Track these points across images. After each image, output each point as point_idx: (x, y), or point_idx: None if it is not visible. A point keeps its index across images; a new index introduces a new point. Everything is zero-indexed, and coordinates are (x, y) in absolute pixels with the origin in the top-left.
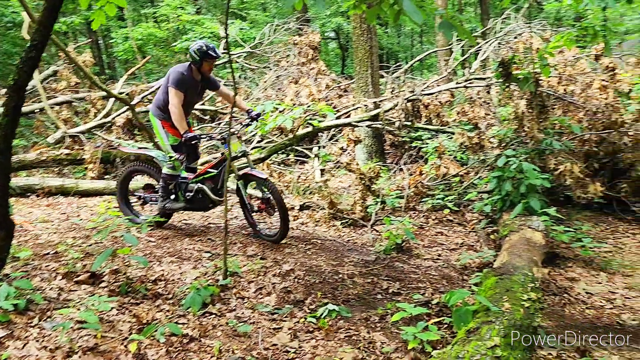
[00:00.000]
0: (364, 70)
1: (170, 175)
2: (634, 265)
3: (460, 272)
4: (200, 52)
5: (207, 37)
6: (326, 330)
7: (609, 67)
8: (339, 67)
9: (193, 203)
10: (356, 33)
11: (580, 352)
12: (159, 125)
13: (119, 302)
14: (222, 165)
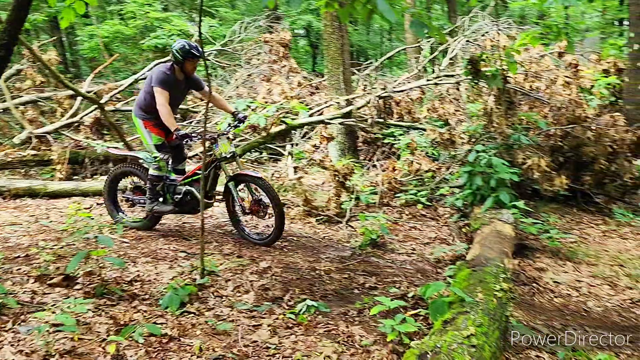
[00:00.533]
0: (335, 67)
1: (156, 176)
2: (598, 254)
3: (434, 265)
4: (183, 52)
5: (177, 35)
6: (305, 326)
7: (571, 63)
8: (309, 64)
9: (182, 205)
10: (327, 31)
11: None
12: (141, 125)
13: (95, 304)
14: (211, 166)
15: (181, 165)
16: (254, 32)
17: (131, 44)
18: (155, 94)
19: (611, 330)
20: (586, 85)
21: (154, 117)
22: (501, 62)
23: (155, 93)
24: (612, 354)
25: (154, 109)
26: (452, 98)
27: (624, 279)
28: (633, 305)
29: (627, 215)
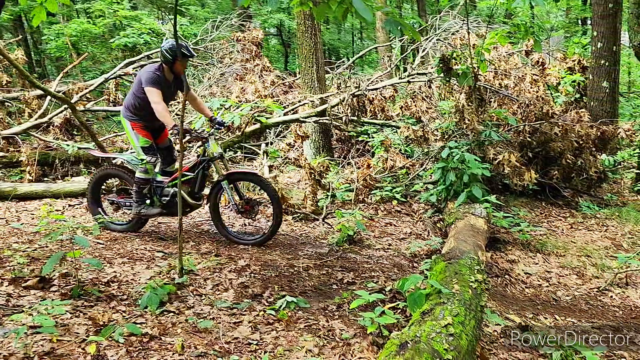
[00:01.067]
0: (309, 66)
1: (143, 179)
2: (566, 246)
3: (410, 259)
4: (173, 52)
5: (146, 34)
6: (286, 321)
7: (538, 62)
8: (281, 63)
9: (169, 208)
10: (300, 30)
11: (522, 327)
12: (129, 126)
13: (72, 306)
14: (199, 167)
15: (170, 167)
16: (226, 31)
17: (99, 42)
18: (148, 94)
19: (580, 318)
20: (553, 82)
21: (142, 118)
22: (471, 60)
23: (147, 93)
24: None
25: (143, 110)
26: (424, 96)
27: (590, 268)
28: (599, 294)
29: (593, 208)
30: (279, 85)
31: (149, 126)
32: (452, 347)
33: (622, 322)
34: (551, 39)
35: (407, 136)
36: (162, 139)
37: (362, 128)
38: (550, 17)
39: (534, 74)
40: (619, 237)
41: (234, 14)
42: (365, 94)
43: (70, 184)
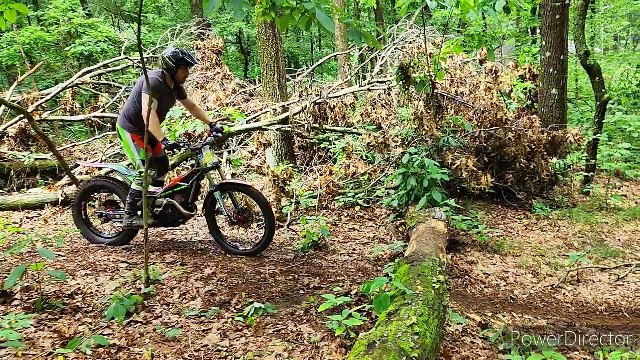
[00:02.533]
0: (270, 74)
1: (139, 191)
2: (522, 246)
3: (374, 263)
4: (176, 59)
5: (103, 42)
6: (255, 327)
7: (492, 70)
8: (241, 71)
9: (161, 218)
10: (261, 38)
11: (482, 325)
12: (129, 138)
13: (36, 319)
14: (193, 178)
15: (162, 177)
16: (185, 39)
17: (54, 50)
18: (143, 101)
19: (536, 315)
20: (505, 90)
21: (142, 129)
22: (429, 68)
23: (143, 99)
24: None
25: (142, 119)
26: (384, 103)
27: (544, 267)
28: (553, 291)
29: (546, 209)
30: (240, 93)
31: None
32: (418, 345)
33: (574, 317)
34: (503, 47)
35: (368, 142)
36: (157, 150)
37: (323, 135)
38: (502, 27)
39: (488, 81)
40: (570, 236)
41: (192, 22)
42: (327, 102)
43: (27, 196)
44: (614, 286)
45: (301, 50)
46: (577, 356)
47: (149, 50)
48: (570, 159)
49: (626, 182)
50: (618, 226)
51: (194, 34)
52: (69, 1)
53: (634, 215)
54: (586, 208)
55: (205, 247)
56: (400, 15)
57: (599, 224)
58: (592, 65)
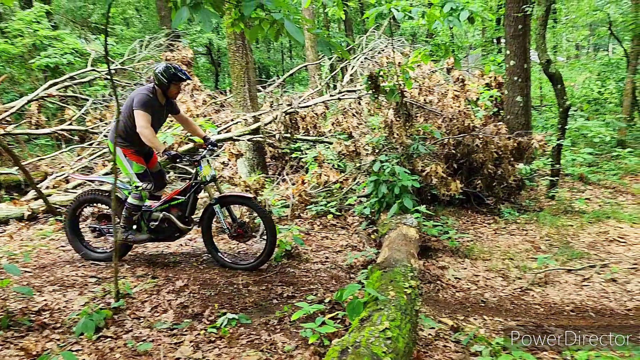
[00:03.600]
0: (241, 85)
1: (135, 205)
2: (491, 250)
3: (347, 271)
4: (169, 75)
5: (69, 54)
6: (228, 338)
7: (459, 78)
8: (211, 82)
9: (158, 233)
10: (232, 49)
11: (454, 328)
12: (120, 153)
13: (2, 337)
14: (190, 191)
15: (160, 191)
16: (154, 51)
17: (18, 63)
18: (137, 117)
19: (506, 317)
20: (472, 97)
21: (133, 144)
22: (398, 78)
23: (136, 116)
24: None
25: (135, 134)
26: (354, 112)
27: (514, 270)
28: (522, 293)
29: (514, 214)
30: (210, 104)
31: (140, 151)
32: (390, 350)
33: (543, 318)
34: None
35: (340, 151)
36: (153, 164)
37: (295, 145)
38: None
39: (455, 90)
40: (538, 239)
41: (161, 33)
42: (298, 112)
43: None
44: (580, 287)
45: (272, 61)
46: (546, 356)
47: (117, 62)
48: (536, 164)
49: (589, 185)
50: (583, 229)
51: (163, 46)
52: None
53: (598, 218)
54: (552, 212)
55: (177, 259)
56: (369, 26)
57: (564, 227)
58: (554, 74)
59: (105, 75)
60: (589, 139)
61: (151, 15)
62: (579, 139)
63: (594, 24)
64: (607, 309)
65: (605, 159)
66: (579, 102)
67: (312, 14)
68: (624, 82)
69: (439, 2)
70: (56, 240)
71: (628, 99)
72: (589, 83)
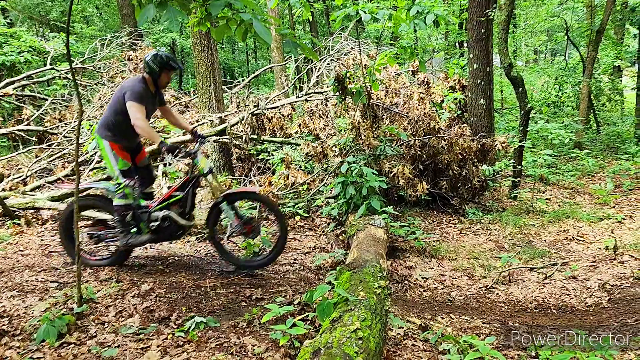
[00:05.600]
0: (206, 85)
1: (122, 205)
2: (457, 250)
3: (316, 272)
4: (160, 62)
5: (27, 52)
6: (196, 342)
7: (424, 81)
8: (175, 82)
9: (159, 233)
10: (197, 49)
11: (422, 327)
12: (107, 147)
13: None
14: (189, 185)
15: (149, 188)
16: (116, 50)
17: None
18: (131, 109)
19: (472, 315)
20: (437, 100)
21: (122, 138)
22: (364, 80)
23: (130, 108)
24: (475, 335)
25: (124, 128)
26: (321, 113)
27: (478, 269)
28: (487, 292)
29: (478, 214)
30: (175, 105)
31: (128, 146)
32: (362, 350)
33: (507, 316)
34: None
35: (307, 153)
36: (140, 158)
37: (262, 146)
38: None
39: (421, 92)
40: (501, 239)
41: (123, 32)
42: (264, 113)
43: None
44: (542, 285)
45: (237, 61)
46: (511, 353)
47: (78, 61)
48: (499, 166)
49: (549, 186)
50: (544, 228)
51: (125, 45)
52: None
53: (558, 218)
54: (515, 212)
55: (142, 262)
56: (335, 28)
57: (526, 227)
58: (515, 77)
59: (65, 75)
60: (548, 141)
61: (112, 14)
62: (539, 141)
63: (552, 29)
64: (568, 305)
65: (564, 161)
66: (538, 105)
67: (277, 15)
68: (580, 86)
69: (405, 5)
70: (14, 244)
71: (584, 102)
72: (548, 87)
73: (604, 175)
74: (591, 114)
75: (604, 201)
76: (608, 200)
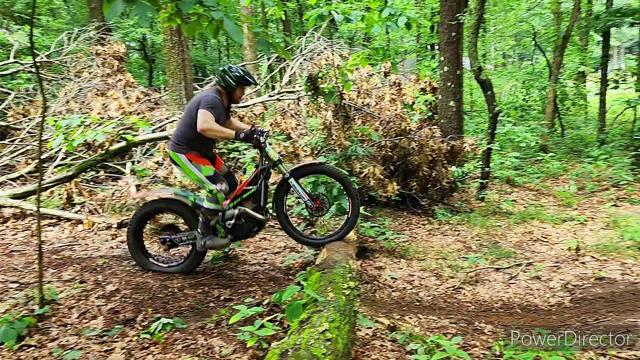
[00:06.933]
0: (177, 82)
1: (213, 209)
2: (426, 250)
3: (286, 272)
4: (237, 77)
5: None
6: (162, 344)
7: (395, 82)
8: (145, 79)
9: (236, 231)
10: (167, 45)
11: (391, 327)
12: (185, 160)
13: None
14: (260, 178)
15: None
16: (83, 44)
17: None
18: (198, 116)
19: (439, 315)
20: (408, 101)
21: (196, 148)
22: (336, 80)
23: (198, 116)
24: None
25: (199, 139)
26: (293, 113)
27: (446, 270)
28: (455, 292)
29: (447, 215)
30: (144, 102)
31: (206, 154)
32: (330, 351)
33: (473, 315)
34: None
35: (278, 152)
36: (219, 166)
37: (233, 145)
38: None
39: (392, 93)
40: (469, 239)
41: (91, 26)
42: (236, 111)
43: None
44: (507, 285)
45: (209, 58)
46: (477, 352)
47: (43, 55)
48: (468, 167)
49: (516, 188)
50: (510, 229)
51: (93, 39)
52: None
53: (523, 219)
54: (482, 213)
55: (107, 262)
56: (308, 28)
57: (493, 228)
58: (484, 80)
59: (29, 68)
60: (515, 143)
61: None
62: (506, 144)
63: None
64: (532, 305)
65: (530, 163)
66: (506, 108)
67: (250, 13)
68: (546, 91)
69: (377, 6)
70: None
71: (550, 106)
72: (515, 90)
73: (567, 178)
74: (556, 117)
75: (568, 203)
76: (571, 202)
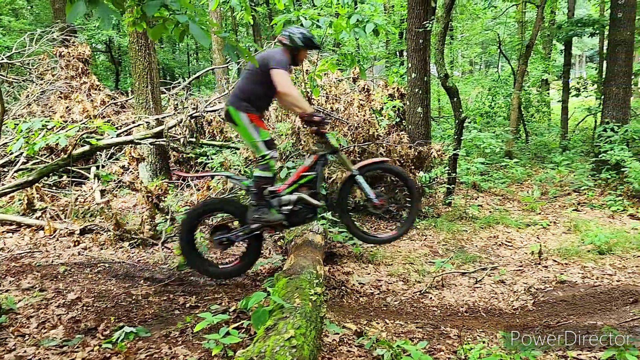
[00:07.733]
0: (143, 86)
1: (264, 177)
2: (393, 255)
3: (253, 279)
4: (305, 39)
5: None
6: (125, 354)
7: (364, 88)
8: (111, 82)
9: (292, 217)
10: (133, 48)
11: (358, 333)
12: (246, 119)
13: None
14: (318, 164)
15: None
16: (46, 45)
17: None
18: (278, 77)
19: (406, 320)
20: (377, 107)
21: (259, 109)
22: (305, 85)
23: (276, 76)
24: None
25: (264, 99)
26: None
27: (414, 274)
28: (421, 297)
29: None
30: (110, 105)
31: (263, 117)
32: (295, 358)
33: (440, 319)
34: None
35: (247, 157)
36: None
37: (201, 149)
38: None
39: (361, 99)
40: (436, 244)
41: (55, 27)
42: (204, 116)
43: None
44: (472, 289)
45: (177, 62)
46: (442, 356)
47: (4, 56)
48: (435, 173)
49: (482, 193)
50: (475, 233)
51: (57, 40)
52: None
53: (489, 224)
54: (449, 218)
55: (68, 269)
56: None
57: (459, 232)
58: (451, 87)
59: None
60: (481, 149)
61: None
62: (472, 149)
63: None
64: (497, 308)
65: (495, 169)
66: (472, 114)
67: (219, 16)
68: (511, 98)
69: (345, 13)
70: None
71: (515, 113)
72: (481, 97)
73: (531, 183)
74: (521, 124)
75: (531, 208)
76: (535, 207)
